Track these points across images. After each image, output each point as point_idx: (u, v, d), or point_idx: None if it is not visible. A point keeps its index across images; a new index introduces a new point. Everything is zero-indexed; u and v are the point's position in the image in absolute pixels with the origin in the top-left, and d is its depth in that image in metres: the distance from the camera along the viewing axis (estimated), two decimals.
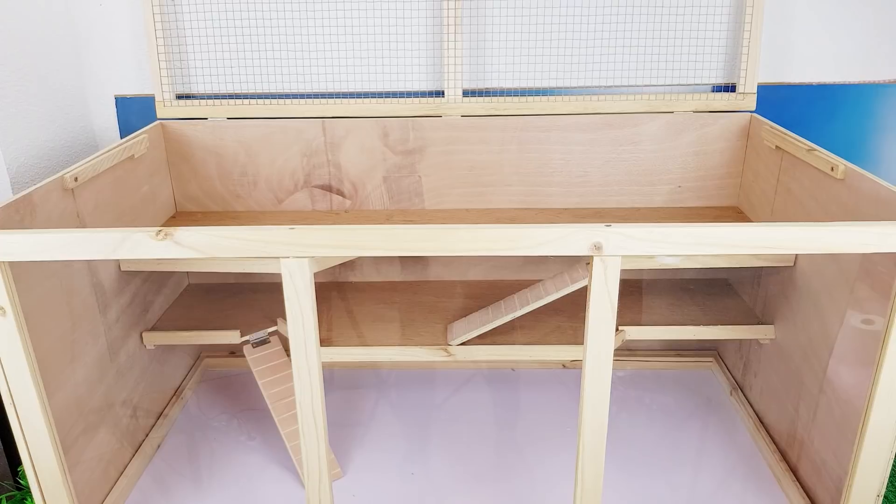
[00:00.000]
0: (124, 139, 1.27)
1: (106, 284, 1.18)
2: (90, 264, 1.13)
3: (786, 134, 1.24)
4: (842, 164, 1.07)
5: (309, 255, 0.88)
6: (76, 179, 1.09)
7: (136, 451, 1.28)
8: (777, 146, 1.27)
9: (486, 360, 1.59)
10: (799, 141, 1.20)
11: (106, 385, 1.18)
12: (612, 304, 0.90)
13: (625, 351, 1.58)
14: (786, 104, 1.48)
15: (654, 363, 1.58)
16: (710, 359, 1.57)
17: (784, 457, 1.24)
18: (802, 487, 1.17)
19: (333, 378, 1.56)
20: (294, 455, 1.26)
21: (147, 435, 1.33)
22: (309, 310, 0.91)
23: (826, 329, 1.10)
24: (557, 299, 1.36)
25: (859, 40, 1.44)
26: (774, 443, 1.27)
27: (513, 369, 1.58)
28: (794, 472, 1.20)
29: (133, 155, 1.27)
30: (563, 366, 1.58)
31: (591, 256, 0.87)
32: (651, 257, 1.20)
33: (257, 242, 0.87)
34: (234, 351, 1.60)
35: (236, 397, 1.50)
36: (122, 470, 1.23)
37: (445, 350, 1.25)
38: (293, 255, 0.88)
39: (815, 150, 1.15)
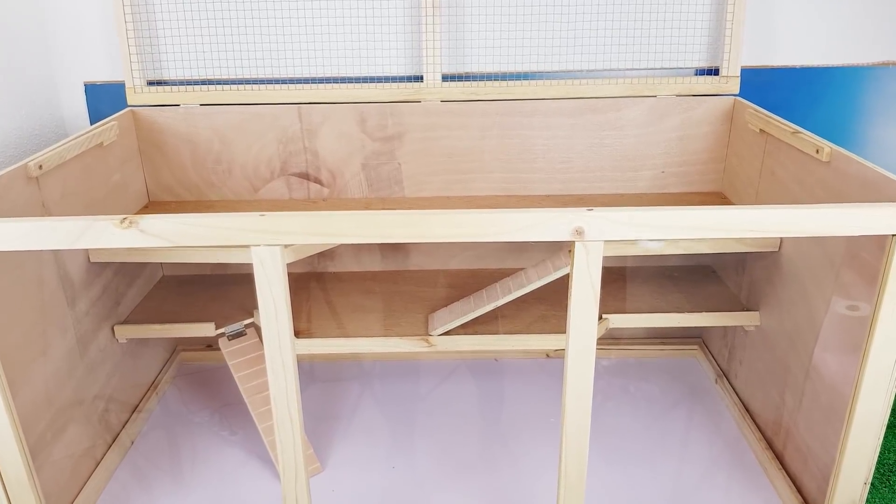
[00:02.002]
0: (93, 126, 1.23)
1: (74, 276, 1.14)
2: (57, 255, 1.09)
3: (769, 117, 1.22)
4: (827, 146, 1.05)
5: (281, 242, 0.85)
6: (41, 167, 1.05)
7: (110, 447, 1.25)
8: (761, 129, 1.25)
9: (468, 350, 1.56)
10: (783, 124, 1.18)
11: (76, 380, 1.14)
12: (595, 291, 0.87)
13: (608, 339, 1.56)
14: (769, 88, 1.46)
15: (638, 351, 1.56)
16: (695, 346, 1.55)
17: (770, 445, 1.22)
18: (789, 475, 1.15)
19: (314, 371, 1.53)
20: (271, 449, 1.23)
21: (121, 430, 1.29)
22: (282, 300, 0.88)
23: (812, 315, 1.08)
24: (541, 288, 1.33)
25: (844, 22, 1.42)
26: (760, 431, 1.26)
27: (496, 359, 1.56)
28: (780, 459, 1.19)
29: (102, 142, 1.23)
30: (547, 355, 1.56)
31: (573, 242, 0.85)
32: (634, 242, 1.18)
33: (227, 230, 0.84)
34: (211, 344, 1.56)
35: (214, 391, 1.47)
36: (94, 466, 1.19)
37: (427, 341, 1.23)
38: (264, 243, 0.85)
39: (799, 132, 1.13)
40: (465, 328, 1.24)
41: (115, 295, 1.28)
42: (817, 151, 1.07)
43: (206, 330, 1.28)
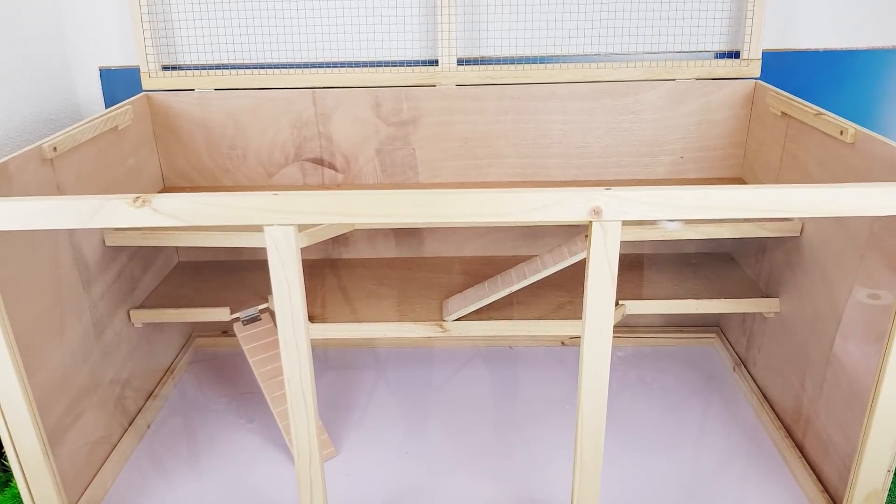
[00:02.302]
0: (108, 110, 1.23)
1: (90, 260, 1.14)
2: (72, 238, 1.09)
3: (792, 99, 1.20)
4: (852, 127, 1.03)
5: (294, 222, 0.84)
6: (55, 149, 1.05)
7: (126, 431, 1.25)
8: (783, 112, 1.22)
9: (482, 337, 1.55)
10: (806, 106, 1.15)
11: (92, 364, 1.14)
12: (612, 273, 0.86)
13: (625, 327, 1.55)
14: (790, 72, 1.43)
15: (654, 339, 1.54)
16: (713, 335, 1.53)
17: (789, 433, 1.20)
18: (808, 464, 1.13)
19: (328, 358, 1.53)
20: (286, 434, 1.23)
21: (137, 415, 1.29)
22: (296, 281, 0.87)
23: (834, 301, 1.06)
24: (556, 274, 1.32)
25: (867, 4, 1.39)
26: (779, 419, 1.24)
27: (510, 347, 1.55)
28: (799, 448, 1.17)
29: (117, 126, 1.23)
30: (562, 343, 1.55)
31: (590, 224, 0.83)
32: (652, 225, 1.16)
33: (240, 209, 0.83)
34: (227, 330, 1.56)
35: (229, 377, 1.47)
36: (110, 450, 1.20)
37: (441, 326, 1.22)
38: (277, 223, 0.84)
39: (823, 114, 1.11)
40: (480, 314, 1.23)
41: (130, 279, 1.28)
42: (841, 133, 1.05)
43: (221, 315, 1.28)
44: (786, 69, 1.43)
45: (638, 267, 1.40)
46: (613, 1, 1.35)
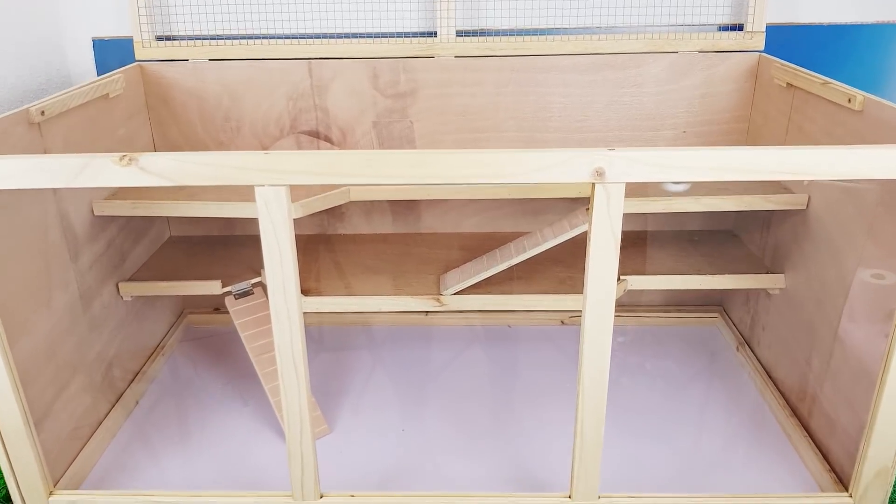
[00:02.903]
0: (99, 77, 1.20)
1: (77, 228, 1.11)
2: (59, 206, 1.06)
3: (797, 69, 1.17)
4: (860, 94, 1.00)
5: (286, 182, 0.81)
6: (43, 113, 1.02)
7: (113, 407, 1.22)
8: (788, 83, 1.19)
9: (480, 313, 1.52)
10: (812, 76, 1.13)
11: (78, 336, 1.11)
12: (616, 238, 0.83)
13: (626, 306, 1.52)
14: (794, 47, 1.40)
15: (656, 318, 1.51)
16: (715, 314, 1.50)
17: (794, 412, 1.18)
18: (815, 443, 1.11)
19: (322, 336, 1.50)
20: (278, 410, 1.20)
21: (125, 392, 1.26)
22: (287, 245, 0.84)
23: (841, 274, 1.03)
24: (557, 250, 1.30)
25: None
26: (784, 398, 1.21)
27: (509, 326, 1.52)
28: (805, 427, 1.14)
29: (108, 94, 1.20)
30: (562, 322, 1.52)
31: (593, 184, 0.80)
32: (655, 198, 1.14)
33: (230, 168, 0.80)
34: (219, 307, 1.53)
35: (221, 356, 1.44)
36: (96, 426, 1.17)
37: (438, 300, 1.19)
38: (269, 183, 0.81)
39: (829, 82, 1.08)
40: (478, 288, 1.20)
41: (119, 252, 1.25)
42: (849, 101, 1.02)
43: (213, 288, 1.25)
44: (790, 44, 1.40)
45: (640, 244, 1.37)
46: None
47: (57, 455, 1.05)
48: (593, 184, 0.81)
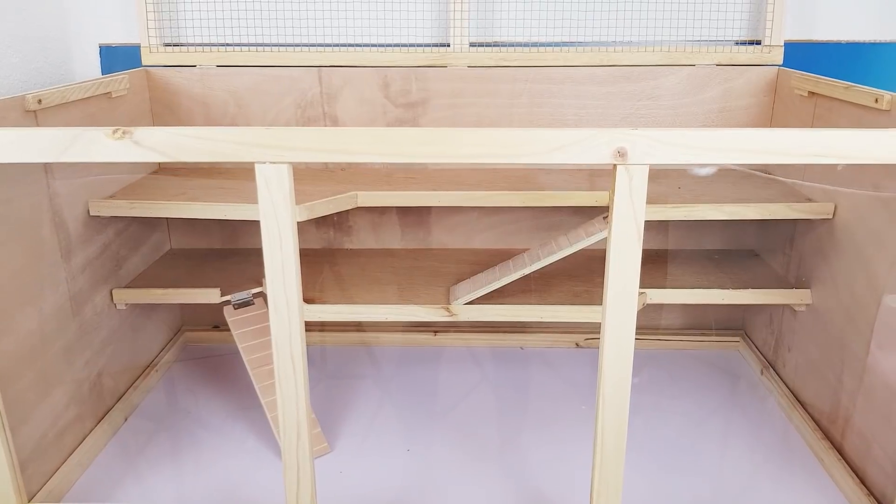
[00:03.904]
0: (103, 76, 1.18)
1: (71, 227, 1.07)
2: (52, 200, 1.02)
3: (819, 78, 1.14)
4: (887, 94, 0.96)
5: (287, 159, 0.76)
6: (40, 102, 0.98)
7: (100, 421, 1.15)
8: (810, 92, 1.16)
9: (491, 333, 1.45)
10: (834, 82, 1.09)
11: (65, 340, 1.05)
12: (638, 225, 0.77)
13: (645, 329, 1.45)
14: (811, 64, 1.37)
15: (676, 342, 1.44)
16: (737, 338, 1.43)
17: (826, 435, 1.10)
18: (850, 466, 1.02)
19: (325, 356, 1.44)
20: (274, 426, 1.13)
21: (114, 406, 1.20)
22: (288, 229, 0.79)
23: (873, 284, 0.97)
24: (572, 264, 1.25)
25: None
26: (814, 421, 1.14)
27: (521, 347, 1.45)
28: (838, 450, 1.06)
29: (110, 93, 1.17)
30: (577, 345, 1.45)
31: (614, 166, 0.75)
32: (675, 204, 1.08)
33: (229, 143, 0.76)
34: (218, 325, 1.47)
35: (218, 376, 1.37)
36: (81, 439, 1.10)
37: (447, 310, 1.13)
38: (269, 160, 0.76)
39: (853, 86, 1.04)
40: (490, 299, 1.14)
41: (115, 258, 1.20)
42: (876, 101, 0.98)
43: (211, 296, 1.19)
44: (807, 61, 1.37)
45: (659, 261, 1.32)
46: None
47: (34, 467, 0.98)
48: (615, 165, 0.76)
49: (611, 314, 0.81)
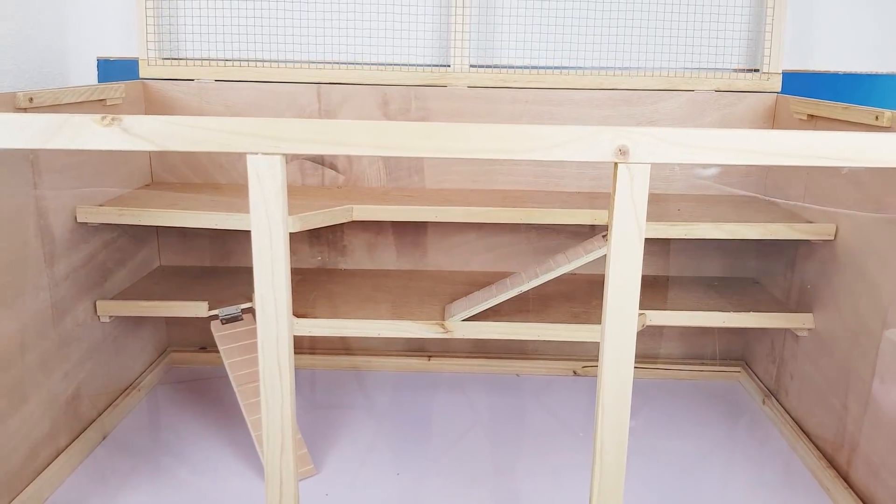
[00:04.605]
0: (99, 84, 1.17)
1: (56, 232, 1.04)
2: (39, 203, 0.99)
3: (817, 101, 1.13)
4: (887, 111, 0.95)
5: (280, 151, 0.74)
6: (31, 100, 0.97)
7: (77, 438, 1.10)
8: (809, 115, 1.15)
9: (487, 358, 1.41)
10: (833, 104, 1.08)
11: (44, 349, 1.01)
12: (640, 225, 0.75)
13: (645, 358, 1.41)
14: (809, 94, 1.37)
15: (675, 372, 1.40)
16: (738, 368, 1.39)
17: (831, 463, 1.06)
18: (857, 493, 0.98)
19: (315, 380, 1.39)
20: (259, 445, 1.09)
21: (92, 423, 1.15)
22: (279, 225, 0.77)
23: (878, 305, 0.95)
24: (571, 287, 1.23)
25: (890, 29, 1.35)
26: (819, 449, 1.09)
27: (517, 375, 1.41)
28: (844, 478, 1.02)
29: (105, 100, 1.16)
30: (574, 373, 1.41)
31: (616, 164, 0.74)
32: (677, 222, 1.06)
33: (221, 133, 0.74)
34: (205, 346, 1.43)
35: (204, 397, 1.32)
36: (55, 455, 1.05)
37: (442, 326, 1.10)
38: (262, 151, 0.74)
39: (851, 106, 1.03)
40: (487, 318, 1.11)
41: (101, 269, 1.17)
42: (876, 118, 0.97)
43: (199, 310, 1.16)
44: (804, 91, 1.37)
45: (658, 287, 1.29)
46: (631, 17, 1.31)
47: (6, 479, 0.93)
48: (616, 164, 0.74)
49: (611, 319, 0.78)
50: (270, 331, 0.80)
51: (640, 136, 0.73)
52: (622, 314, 0.78)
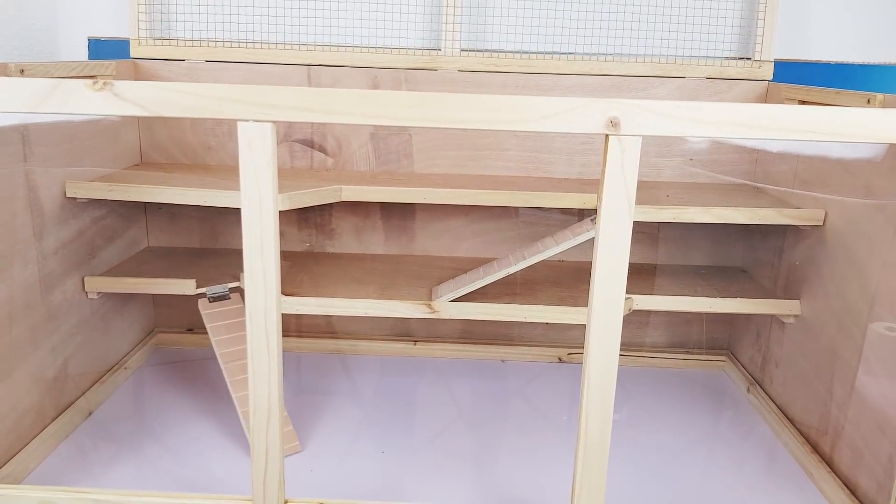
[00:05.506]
0: (90, 60, 1.16)
1: (45, 206, 1.03)
2: (28, 176, 0.99)
3: (809, 87, 1.14)
4: (879, 95, 0.96)
5: (271, 118, 0.74)
6: (22, 72, 0.96)
7: (63, 412, 1.10)
8: (801, 101, 1.16)
9: (473, 343, 1.41)
10: (825, 89, 1.09)
11: (32, 321, 1.01)
12: (629, 198, 0.76)
13: (630, 346, 1.42)
14: (801, 83, 1.38)
15: (660, 360, 1.41)
16: (723, 358, 1.40)
17: (815, 449, 1.07)
18: (840, 478, 0.99)
19: (301, 363, 1.39)
20: (244, 421, 1.08)
21: (79, 398, 1.14)
22: (269, 193, 0.77)
23: (866, 289, 0.96)
24: (559, 272, 1.23)
25: (883, 19, 1.36)
26: (803, 436, 1.10)
27: (503, 360, 1.41)
28: (828, 463, 1.03)
29: (95, 77, 1.15)
30: (559, 360, 1.42)
31: (606, 136, 0.74)
32: (668, 206, 1.07)
33: (212, 99, 0.74)
34: (192, 328, 1.42)
35: (191, 377, 1.32)
36: (41, 428, 1.04)
37: (429, 306, 1.10)
38: (252, 118, 0.74)
39: (843, 91, 1.04)
40: (473, 300, 1.11)
41: (90, 246, 1.16)
42: (868, 101, 0.98)
43: (186, 288, 1.15)
44: (796, 80, 1.38)
45: (646, 274, 1.30)
46: (621, 3, 1.32)
47: None
48: (607, 136, 0.74)
49: (599, 291, 0.78)
50: (259, 300, 0.80)
51: (632, 107, 0.74)
52: (611, 287, 0.78)
